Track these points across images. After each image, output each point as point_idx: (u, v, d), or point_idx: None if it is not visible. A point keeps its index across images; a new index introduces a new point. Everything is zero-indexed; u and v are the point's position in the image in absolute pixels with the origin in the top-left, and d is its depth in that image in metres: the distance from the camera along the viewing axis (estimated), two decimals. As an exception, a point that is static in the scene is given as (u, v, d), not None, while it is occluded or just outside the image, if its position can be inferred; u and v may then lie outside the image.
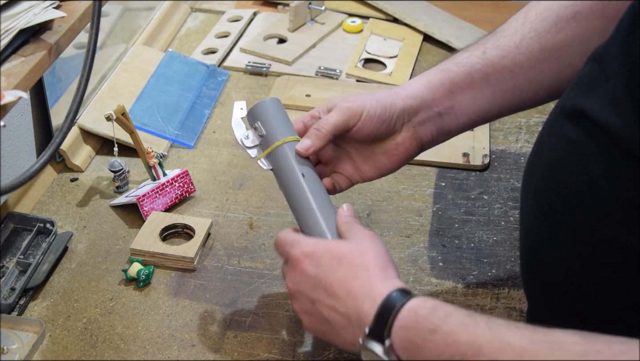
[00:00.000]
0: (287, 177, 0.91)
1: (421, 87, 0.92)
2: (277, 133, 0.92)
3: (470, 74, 0.92)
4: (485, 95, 0.93)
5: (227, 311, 1.01)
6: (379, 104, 0.90)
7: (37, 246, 1.09)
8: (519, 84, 0.92)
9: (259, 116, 0.94)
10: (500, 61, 0.91)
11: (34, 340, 0.95)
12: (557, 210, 0.75)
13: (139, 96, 1.33)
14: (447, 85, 0.92)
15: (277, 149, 0.92)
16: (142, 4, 1.59)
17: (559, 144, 0.75)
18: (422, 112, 0.92)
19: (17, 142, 1.14)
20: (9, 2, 0.98)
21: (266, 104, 0.94)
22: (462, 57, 0.93)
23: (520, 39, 0.91)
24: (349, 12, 1.64)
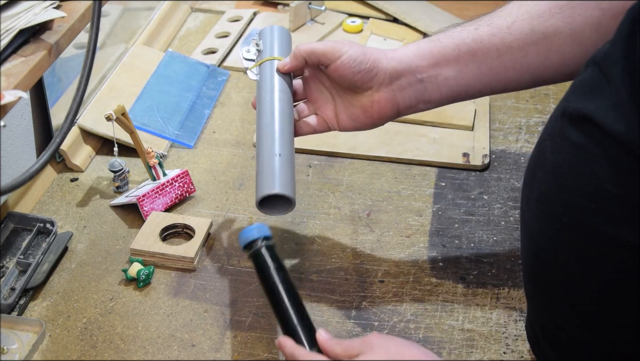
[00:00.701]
0: (261, 85, 1.00)
1: (409, 53, 0.96)
2: (270, 51, 1.03)
3: (458, 46, 0.95)
4: (469, 70, 0.95)
5: (227, 311, 1.01)
6: (362, 52, 0.95)
7: (37, 246, 1.09)
8: (505, 63, 0.94)
9: (263, 35, 1.05)
10: (490, 38, 0.94)
11: (34, 340, 0.95)
12: (562, 213, 0.75)
13: (139, 96, 1.33)
14: (434, 54, 0.95)
15: (265, 63, 1.02)
16: (142, 4, 1.59)
17: (563, 147, 0.76)
18: (404, 77, 0.96)
19: (17, 142, 1.14)
20: (9, 2, 0.98)
21: (273, 28, 1.06)
22: (454, 30, 0.96)
23: (514, 20, 0.93)
24: (349, 12, 1.64)
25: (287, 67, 0.99)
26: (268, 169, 0.93)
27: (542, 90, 1.42)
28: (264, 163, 0.94)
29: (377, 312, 1.01)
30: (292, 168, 0.94)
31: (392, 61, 0.95)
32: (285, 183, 0.92)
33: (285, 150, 0.94)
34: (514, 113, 1.37)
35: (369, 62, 0.95)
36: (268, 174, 0.92)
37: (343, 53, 0.95)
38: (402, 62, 0.95)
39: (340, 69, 0.95)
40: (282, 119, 0.96)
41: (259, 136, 0.96)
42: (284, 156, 0.93)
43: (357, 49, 0.95)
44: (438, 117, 1.33)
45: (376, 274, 1.06)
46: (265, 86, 1.00)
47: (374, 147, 1.27)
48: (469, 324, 0.99)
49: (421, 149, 1.27)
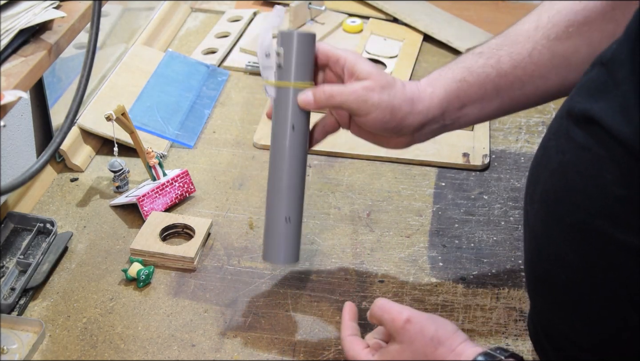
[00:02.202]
0: (277, 119, 0.94)
1: (437, 100, 0.93)
2: (292, 73, 0.92)
3: (483, 85, 0.93)
4: (492, 105, 0.94)
5: (227, 311, 1.01)
6: (390, 112, 0.91)
7: (37, 246, 1.09)
8: (526, 92, 0.93)
9: (285, 45, 0.92)
10: (513, 71, 0.92)
11: (34, 340, 0.95)
12: (566, 213, 0.75)
13: (139, 96, 1.33)
14: (461, 98, 0.93)
15: (283, 88, 0.93)
16: (142, 4, 1.59)
17: (567, 148, 0.75)
18: (428, 126, 0.94)
19: (17, 142, 1.14)
20: (9, 2, 0.98)
21: (293, 39, 0.92)
22: (477, 65, 0.93)
23: (533, 46, 0.92)
24: (349, 12, 1.64)
25: (310, 107, 0.92)
26: (275, 235, 0.95)
27: (542, 90, 1.42)
28: (271, 226, 0.95)
29: (377, 312, 1.01)
30: (298, 231, 0.96)
31: (419, 115, 0.92)
32: (290, 254, 0.95)
33: (293, 211, 0.94)
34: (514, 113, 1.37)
35: (395, 121, 0.92)
36: (274, 240, 0.95)
37: (371, 112, 0.90)
38: (428, 115, 0.93)
39: (366, 124, 0.92)
40: (294, 171, 0.94)
41: (270, 187, 0.95)
42: (293, 221, 0.94)
43: (385, 108, 0.90)
44: (438, 117, 1.33)
45: (376, 274, 1.06)
46: (282, 123, 0.93)
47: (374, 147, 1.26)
48: (469, 324, 0.99)
49: (421, 149, 1.27)
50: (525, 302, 1.02)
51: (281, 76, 0.93)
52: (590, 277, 0.75)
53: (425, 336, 0.82)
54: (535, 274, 0.84)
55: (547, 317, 0.84)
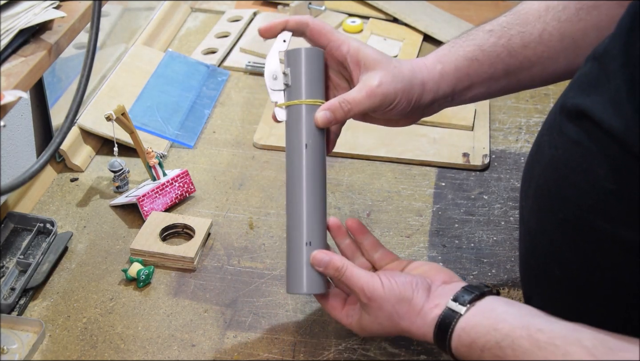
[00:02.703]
0: (291, 140, 0.90)
1: (447, 78, 0.92)
2: (300, 90, 0.90)
3: (494, 65, 0.92)
4: (500, 84, 0.94)
5: (227, 311, 1.01)
6: (407, 99, 0.90)
7: (37, 246, 1.09)
8: (533, 73, 0.93)
9: (292, 63, 0.91)
10: (523, 51, 0.92)
11: (34, 340, 0.95)
12: (559, 208, 0.75)
13: (139, 96, 1.33)
14: (471, 76, 0.93)
15: (295, 107, 0.90)
16: (142, 4, 1.59)
17: (560, 143, 0.76)
18: (436, 103, 0.93)
19: (17, 142, 1.14)
20: (9, 2, 0.98)
21: (301, 55, 0.90)
22: (489, 44, 0.92)
23: (543, 27, 0.91)
24: (349, 12, 1.64)
25: (330, 124, 0.89)
26: (296, 261, 0.88)
27: (542, 90, 1.42)
28: (292, 253, 0.89)
29: (377, 312, 1.01)
30: None
31: (430, 93, 0.91)
32: (314, 282, 0.88)
33: (315, 236, 0.88)
34: (514, 113, 1.37)
35: (410, 105, 0.90)
36: (296, 268, 0.88)
37: (389, 104, 0.89)
38: (438, 92, 0.92)
39: (385, 115, 0.92)
40: (314, 195, 0.89)
41: (289, 212, 0.89)
42: (314, 245, 0.88)
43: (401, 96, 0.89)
44: (438, 117, 1.32)
45: (376, 274, 1.06)
46: (297, 143, 0.89)
47: (374, 147, 1.27)
48: (469, 324, 0.99)
49: (421, 149, 1.27)
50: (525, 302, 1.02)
51: (291, 96, 0.90)
52: (584, 271, 0.75)
53: (385, 312, 0.82)
54: (529, 269, 0.84)
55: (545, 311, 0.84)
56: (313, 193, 0.89)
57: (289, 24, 0.92)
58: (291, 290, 0.89)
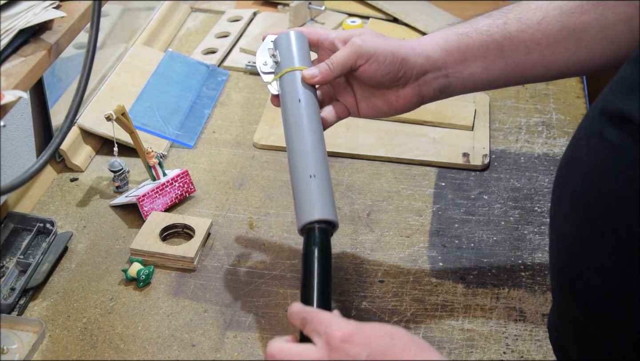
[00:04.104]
0: (286, 100, 0.95)
1: (437, 47, 0.94)
2: (290, 61, 0.97)
3: (486, 43, 0.93)
4: (496, 66, 0.94)
5: (227, 311, 1.01)
6: (391, 53, 0.92)
7: (37, 246, 1.09)
8: (532, 59, 0.92)
9: (279, 45, 0.99)
10: (519, 34, 0.92)
11: (34, 340, 0.95)
12: (600, 216, 0.72)
13: (139, 96, 1.33)
14: (462, 50, 0.93)
15: (286, 75, 0.96)
16: (142, 4, 1.59)
17: (601, 148, 0.73)
18: (430, 73, 0.94)
19: (17, 142, 1.14)
20: (9, 2, 0.98)
21: (288, 36, 0.99)
22: (482, 24, 0.94)
23: (544, 15, 0.91)
24: (349, 12, 1.64)
25: (315, 80, 0.94)
26: (304, 194, 0.88)
27: (542, 90, 1.42)
28: (299, 187, 0.89)
29: (377, 312, 1.01)
30: (328, 189, 0.89)
31: (419, 57, 0.93)
32: (324, 207, 0.86)
33: (319, 170, 0.89)
34: (514, 113, 1.37)
35: (397, 62, 0.92)
36: (305, 199, 0.87)
37: (370, 55, 0.92)
38: (429, 58, 0.93)
39: (368, 71, 0.93)
40: (312, 137, 0.92)
41: (291, 157, 0.92)
42: (319, 177, 0.89)
43: (384, 50, 0.92)
44: (438, 117, 1.33)
45: (376, 274, 1.06)
46: (292, 101, 0.94)
47: (374, 147, 1.27)
48: (469, 324, 0.99)
49: (421, 149, 1.27)
50: (525, 302, 1.02)
51: (280, 68, 0.97)
52: (625, 282, 0.72)
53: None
54: (564, 278, 0.80)
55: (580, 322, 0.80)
56: (313, 135, 0.92)
57: None
58: (304, 219, 0.86)
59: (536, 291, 1.04)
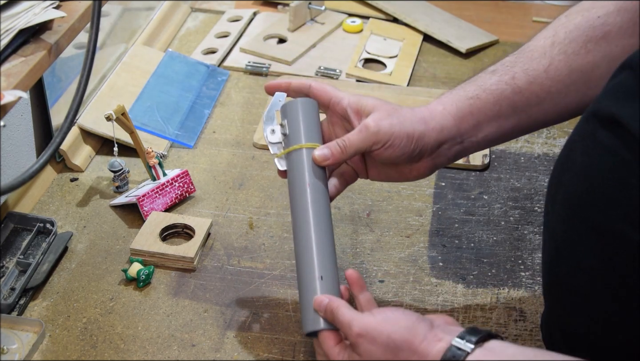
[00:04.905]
0: (294, 182, 0.90)
1: (449, 117, 0.90)
2: (299, 136, 0.91)
3: (498, 102, 0.90)
4: (510, 122, 0.92)
5: (227, 311, 1.01)
6: (406, 135, 0.88)
7: (37, 246, 1.09)
8: (545, 108, 0.91)
9: (288, 114, 0.93)
10: (529, 87, 0.90)
11: (34, 340, 0.95)
12: (589, 217, 0.73)
13: (139, 96, 1.33)
14: (475, 115, 0.90)
15: (294, 152, 0.91)
16: (142, 4, 1.59)
17: (594, 150, 0.73)
18: (445, 144, 0.91)
19: (17, 142, 1.14)
20: (9, 2, 0.98)
21: (296, 105, 0.93)
22: (490, 83, 0.91)
23: (549, 62, 0.89)
24: (349, 12, 1.64)
25: (328, 163, 0.89)
26: (310, 297, 0.84)
27: (542, 90, 1.42)
28: (306, 288, 0.85)
29: (377, 312, 1.01)
30: (336, 290, 0.85)
31: (433, 132, 0.89)
32: None
33: (327, 269, 0.86)
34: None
35: (412, 143, 0.89)
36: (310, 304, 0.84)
37: (387, 140, 0.88)
38: (443, 131, 0.90)
39: (383, 154, 0.89)
40: (320, 231, 0.87)
41: (298, 251, 0.88)
42: (327, 278, 0.85)
43: (399, 133, 0.88)
44: (438, 117, 1.33)
45: (376, 274, 1.06)
46: (299, 185, 0.89)
47: (374, 147, 1.27)
48: (469, 324, 0.99)
49: (421, 149, 1.27)
50: (525, 302, 1.02)
51: (289, 143, 0.91)
52: (612, 283, 0.73)
53: (380, 346, 0.77)
54: (553, 276, 0.82)
55: (565, 321, 0.82)
56: (320, 228, 0.87)
57: (293, 86, 0.95)
58: (309, 328, 0.84)
59: (536, 291, 1.04)
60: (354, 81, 1.45)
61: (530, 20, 1.67)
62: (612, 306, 0.74)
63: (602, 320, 0.76)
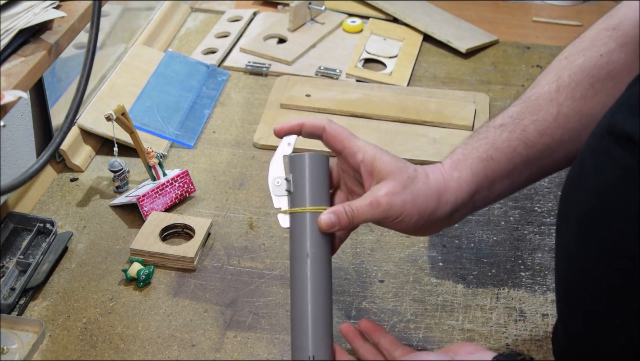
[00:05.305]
0: (294, 247, 0.88)
1: (465, 185, 0.87)
2: (304, 198, 0.87)
3: (512, 160, 0.88)
4: (523, 177, 0.90)
5: (227, 311, 1.01)
6: (417, 212, 0.86)
7: (37, 246, 1.09)
8: (556, 158, 0.89)
9: (294, 169, 0.88)
10: (540, 139, 0.87)
11: (34, 340, 0.95)
12: (605, 238, 0.71)
13: (139, 96, 1.33)
14: (489, 177, 0.88)
15: (298, 214, 0.87)
16: (142, 4, 1.59)
17: (608, 168, 0.71)
18: (458, 211, 0.89)
19: (17, 142, 1.14)
20: (9, 2, 0.98)
21: (304, 161, 0.88)
22: (502, 140, 0.88)
23: (557, 110, 0.87)
24: (349, 12, 1.64)
25: (334, 230, 0.86)
26: None
27: (542, 90, 1.42)
28: None
29: (377, 312, 1.01)
30: None
31: (447, 206, 0.87)
32: None
33: (319, 348, 0.85)
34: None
35: (424, 218, 0.86)
36: None
37: (397, 216, 0.85)
38: (457, 203, 0.87)
39: (395, 227, 0.87)
40: (317, 304, 0.85)
41: (292, 324, 0.87)
42: (318, 357, 0.84)
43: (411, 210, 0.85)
44: (438, 117, 1.33)
45: (376, 274, 1.06)
46: (299, 252, 0.87)
47: (374, 147, 1.27)
48: (469, 324, 0.99)
49: (421, 149, 1.27)
50: (525, 302, 1.02)
51: (294, 202, 0.88)
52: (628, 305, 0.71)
53: None
54: (568, 294, 0.80)
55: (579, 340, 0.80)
56: (317, 305, 0.85)
57: (305, 128, 0.89)
58: None
59: (536, 291, 1.04)
60: (354, 81, 1.45)
61: (530, 20, 1.67)
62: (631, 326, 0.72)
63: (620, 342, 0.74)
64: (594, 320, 0.76)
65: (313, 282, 0.86)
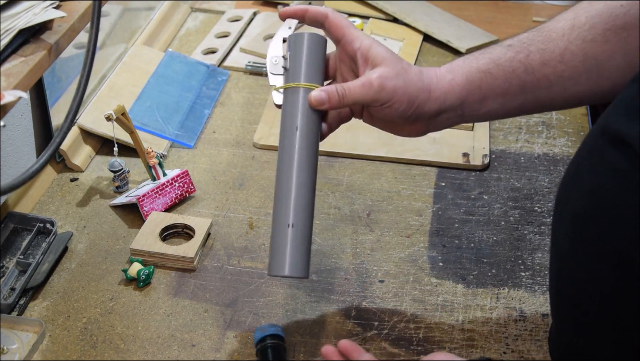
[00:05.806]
0: (285, 122, 0.89)
1: (457, 88, 0.89)
2: (299, 74, 0.90)
3: (508, 80, 0.89)
4: (516, 101, 0.90)
5: (227, 311, 1.01)
6: (407, 100, 0.88)
7: (37, 246, 1.09)
8: (553, 93, 0.89)
9: (293, 47, 0.91)
10: (542, 68, 0.88)
11: (34, 340, 0.95)
12: (598, 239, 0.72)
13: (139, 96, 1.33)
14: (483, 90, 0.89)
15: (291, 89, 0.90)
16: (142, 4, 1.59)
17: (602, 169, 0.71)
18: (445, 114, 0.90)
19: (17, 142, 1.14)
20: (9, 2, 0.98)
21: (302, 39, 0.90)
22: (505, 58, 0.89)
23: (566, 45, 0.87)
24: (349, 12, 1.64)
25: (323, 107, 0.89)
26: (279, 244, 0.86)
27: (542, 90, 1.42)
28: (275, 234, 0.87)
29: (377, 312, 1.01)
30: (306, 240, 0.86)
31: (436, 102, 0.88)
32: (295, 263, 0.85)
33: (300, 219, 0.86)
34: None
35: (411, 109, 0.88)
36: (277, 249, 0.86)
37: (387, 100, 0.87)
38: (445, 102, 0.89)
39: (381, 112, 0.89)
40: (301, 178, 0.88)
41: (276, 194, 0.88)
42: (297, 227, 0.86)
43: (401, 96, 0.87)
44: (438, 117, 1.33)
45: (376, 274, 1.06)
46: (289, 126, 0.89)
47: (374, 147, 1.27)
48: (469, 324, 0.99)
49: (421, 149, 1.27)
50: (525, 302, 1.02)
51: (289, 79, 0.90)
52: (620, 306, 0.71)
53: None
54: (561, 295, 0.80)
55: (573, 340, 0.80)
56: (301, 176, 0.88)
57: (309, 13, 0.92)
58: (273, 272, 0.86)
59: (536, 291, 1.04)
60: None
61: (530, 20, 1.66)
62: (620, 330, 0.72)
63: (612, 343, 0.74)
64: (586, 318, 0.76)
65: (300, 154, 0.88)
